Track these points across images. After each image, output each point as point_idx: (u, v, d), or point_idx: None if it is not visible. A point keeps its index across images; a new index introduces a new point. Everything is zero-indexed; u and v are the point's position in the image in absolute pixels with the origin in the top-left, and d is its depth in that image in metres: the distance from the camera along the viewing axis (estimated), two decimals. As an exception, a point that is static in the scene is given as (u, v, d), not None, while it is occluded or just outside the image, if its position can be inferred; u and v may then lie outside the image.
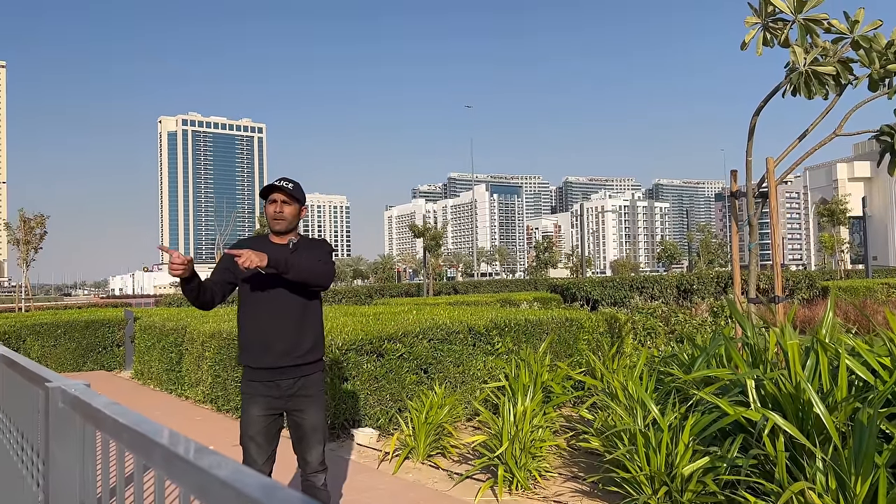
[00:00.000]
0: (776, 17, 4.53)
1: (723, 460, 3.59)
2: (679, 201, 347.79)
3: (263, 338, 3.28)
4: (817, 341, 3.71)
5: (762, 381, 3.85)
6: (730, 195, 5.20)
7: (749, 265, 5.14)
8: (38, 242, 25.88)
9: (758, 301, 4.98)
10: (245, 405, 3.33)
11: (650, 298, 19.64)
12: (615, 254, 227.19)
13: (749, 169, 4.99)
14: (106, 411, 1.35)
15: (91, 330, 12.44)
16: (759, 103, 4.82)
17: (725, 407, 3.67)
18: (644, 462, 3.82)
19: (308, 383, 3.34)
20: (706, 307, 16.34)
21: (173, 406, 8.61)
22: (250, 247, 3.27)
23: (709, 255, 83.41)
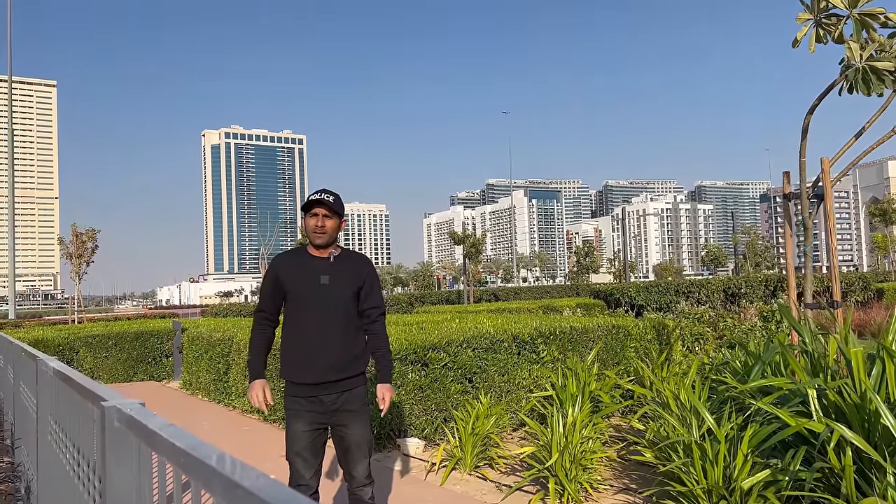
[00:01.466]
0: (830, 12, 4.37)
1: (784, 473, 3.45)
2: (723, 203, 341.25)
3: (306, 353, 3.25)
4: (883, 348, 3.55)
5: (824, 390, 3.69)
6: (783, 197, 5.03)
7: (804, 269, 4.95)
8: (89, 256, 26.62)
9: (815, 306, 4.80)
10: (289, 421, 3.31)
11: (696, 303, 19.23)
12: (657, 258, 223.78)
13: (803, 169, 4.82)
14: (162, 433, 1.34)
15: (141, 341, 12.71)
16: (812, 101, 4.66)
17: (786, 418, 3.53)
18: (701, 475, 3.69)
19: (351, 398, 3.31)
20: (755, 311, 15.91)
21: (221, 416, 8.71)
22: (291, 261, 3.35)
23: (755, 257, 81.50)
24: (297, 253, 3.42)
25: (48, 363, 3.31)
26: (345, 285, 3.31)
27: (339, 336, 3.27)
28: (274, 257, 3.45)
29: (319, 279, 3.27)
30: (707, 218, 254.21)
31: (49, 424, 3.29)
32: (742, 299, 19.47)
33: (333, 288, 3.28)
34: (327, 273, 3.29)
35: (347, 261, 3.38)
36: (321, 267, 3.30)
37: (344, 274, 3.32)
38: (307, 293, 3.25)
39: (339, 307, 3.28)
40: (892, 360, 3.51)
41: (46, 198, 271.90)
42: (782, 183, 5.06)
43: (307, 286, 3.27)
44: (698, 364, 5.67)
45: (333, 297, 3.26)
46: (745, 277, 20.48)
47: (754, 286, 19.63)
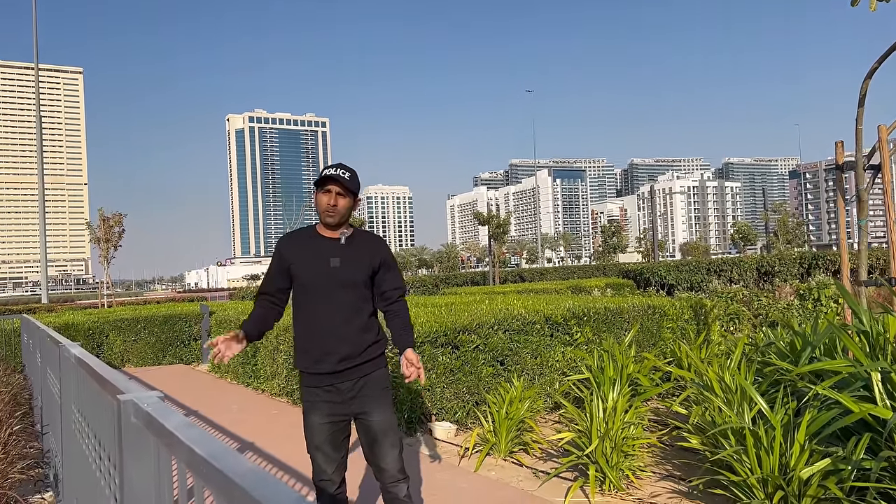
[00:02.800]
0: (893, -34, 4.05)
1: (847, 462, 3.22)
2: (750, 180, 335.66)
3: (320, 341, 3.02)
4: (955, 329, 3.28)
5: (888, 373, 3.44)
6: (836, 168, 4.74)
7: (859, 244, 4.67)
8: (117, 240, 26.88)
9: (871, 283, 4.53)
10: (307, 413, 3.10)
11: (729, 282, 18.81)
12: (684, 236, 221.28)
13: (859, 138, 4.52)
14: (180, 436, 1.16)
15: (169, 325, 12.73)
16: (872, 65, 4.35)
17: (848, 403, 3.29)
18: (755, 463, 3.48)
19: (370, 382, 3.07)
20: (791, 290, 15.51)
21: (250, 399, 8.65)
22: (299, 243, 3.11)
23: (786, 234, 79.97)
24: (305, 233, 3.15)
25: (70, 350, 3.19)
26: (357, 268, 3.05)
27: (353, 323, 3.03)
28: (280, 238, 3.20)
29: (329, 262, 3.01)
30: (735, 196, 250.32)
31: (72, 413, 3.17)
32: (776, 277, 19.01)
33: (345, 271, 3.02)
34: (338, 255, 3.03)
35: (360, 241, 3.12)
36: (331, 249, 3.04)
37: (356, 256, 3.06)
38: (317, 278, 3.02)
39: (351, 292, 3.03)
40: (965, 340, 3.25)
41: (76, 184, 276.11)
42: (835, 153, 4.76)
43: (316, 270, 3.02)
44: (740, 345, 5.41)
45: (345, 281, 3.01)
46: (778, 255, 19.98)
47: (788, 264, 19.14)
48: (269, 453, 5.80)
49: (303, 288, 3.06)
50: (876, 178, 4.63)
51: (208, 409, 7.92)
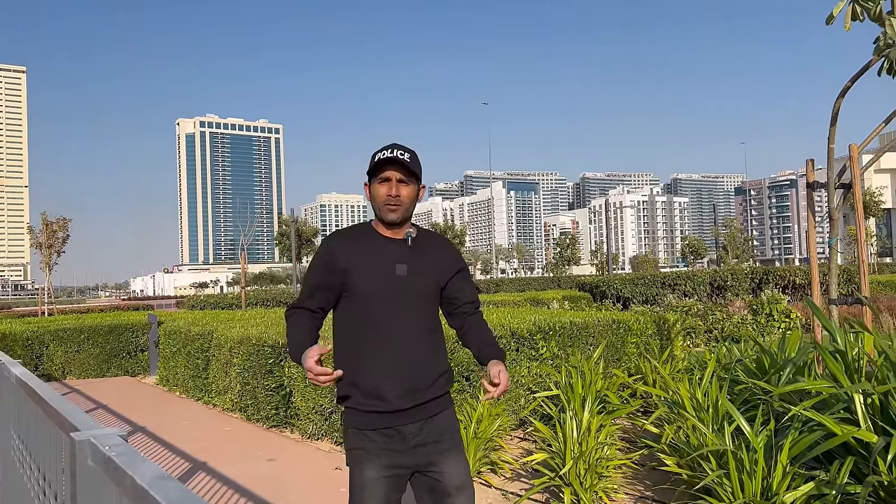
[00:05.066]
0: (869, -14, 4.07)
1: (831, 487, 3.15)
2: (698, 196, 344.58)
3: (380, 371, 2.35)
4: (937, 350, 3.26)
5: (870, 395, 3.40)
6: (807, 186, 4.74)
7: (829, 262, 4.67)
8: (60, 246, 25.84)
9: (840, 302, 4.52)
10: (357, 465, 2.38)
11: (683, 295, 19.08)
12: (634, 249, 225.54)
13: (831, 157, 4.53)
14: (154, 493, 0.96)
15: (114, 335, 12.19)
16: (844, 84, 4.37)
17: (832, 426, 3.23)
18: (737, 487, 3.39)
19: (440, 426, 2.43)
20: (742, 304, 15.81)
21: (201, 415, 8.29)
22: (356, 244, 2.44)
23: (735, 249, 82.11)
24: (360, 232, 2.50)
25: (10, 369, 2.89)
26: (428, 276, 2.47)
27: (422, 346, 2.44)
28: (329, 237, 2.53)
29: (395, 269, 2.39)
30: (683, 210, 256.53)
31: (12, 439, 2.88)
32: (728, 292, 19.37)
33: (414, 281, 2.42)
34: (405, 261, 2.42)
35: (428, 244, 2.53)
36: (397, 252, 2.43)
37: (426, 261, 2.48)
38: (380, 288, 2.38)
39: (421, 307, 2.45)
40: (947, 362, 3.23)
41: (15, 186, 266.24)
42: (806, 171, 4.76)
43: (380, 279, 2.39)
44: (712, 361, 5.37)
45: (414, 293, 2.42)
46: (730, 270, 20.38)
47: (740, 279, 19.53)
48: (223, 473, 5.51)
49: (360, 302, 2.40)
50: (846, 197, 4.64)
51: (156, 425, 7.54)
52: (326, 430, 6.27)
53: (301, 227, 42.47)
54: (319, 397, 6.19)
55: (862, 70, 4.29)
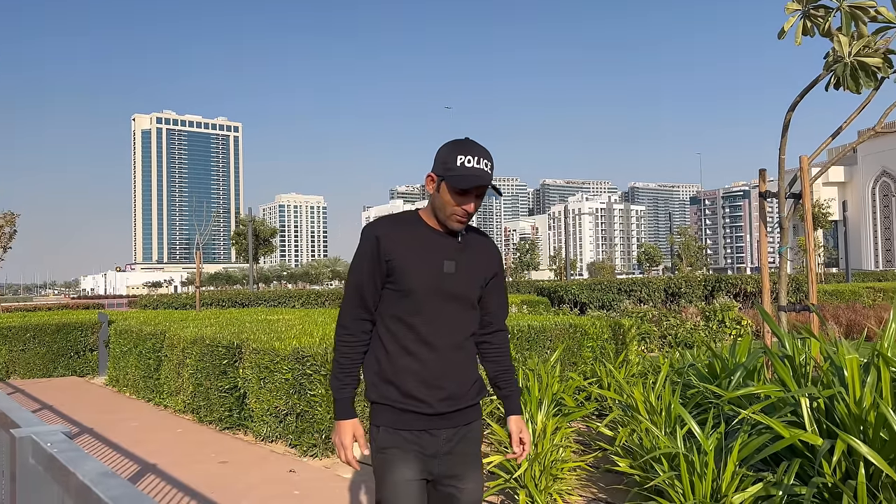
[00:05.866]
0: (819, 3, 4.20)
1: (778, 488, 3.23)
2: (654, 204, 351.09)
3: (423, 371, 2.21)
4: (879, 355, 3.37)
5: (816, 399, 3.50)
6: (759, 195, 4.86)
7: (779, 270, 4.80)
8: (7, 242, 25.01)
9: (791, 308, 4.65)
10: (391, 466, 2.19)
11: (638, 301, 19.41)
12: (592, 256, 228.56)
13: (782, 167, 4.66)
14: (98, 491, 0.92)
15: (62, 334, 11.83)
16: (794, 98, 4.49)
17: (779, 429, 3.31)
18: (688, 489, 3.45)
19: (469, 436, 2.29)
20: (695, 311, 16.13)
21: (152, 416, 8.09)
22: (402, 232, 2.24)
23: (690, 258, 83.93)
24: (407, 220, 2.30)
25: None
26: (473, 278, 2.31)
27: (463, 350, 2.30)
28: (371, 224, 2.30)
29: (443, 265, 2.23)
30: (639, 218, 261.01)
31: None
32: (682, 298, 19.75)
33: (460, 280, 2.26)
34: (453, 258, 2.25)
35: (475, 243, 2.34)
36: (446, 248, 2.26)
37: (473, 259, 2.30)
38: (427, 284, 2.21)
39: (464, 309, 2.30)
40: (888, 368, 3.34)
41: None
42: (759, 181, 4.89)
43: (427, 274, 2.21)
44: (665, 366, 5.46)
45: (459, 293, 2.26)
46: (684, 277, 20.80)
47: (694, 286, 19.94)
48: (174, 476, 5.38)
49: (402, 297, 2.23)
50: (795, 207, 4.78)
51: (105, 427, 7.33)
52: (281, 432, 6.19)
53: (258, 227, 41.89)
54: (274, 399, 6.10)
55: (811, 84, 4.42)
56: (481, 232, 2.41)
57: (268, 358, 6.17)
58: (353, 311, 2.27)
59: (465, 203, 2.18)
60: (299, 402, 5.85)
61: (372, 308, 2.26)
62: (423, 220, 2.28)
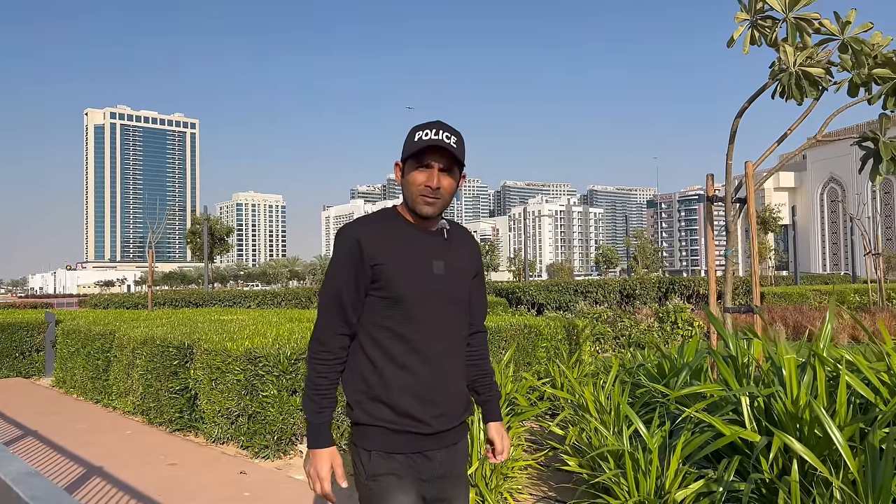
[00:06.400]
0: (766, 14, 4.34)
1: (719, 484, 3.32)
2: (612, 207, 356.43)
3: (422, 390, 2.00)
4: (815, 355, 3.49)
5: (756, 398, 3.61)
6: (707, 199, 4.99)
7: (725, 273, 4.93)
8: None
9: (735, 310, 4.78)
10: (387, 494, 1.98)
11: (594, 303, 19.68)
12: (551, 257, 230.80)
13: (729, 173, 4.79)
14: (18, 490, 0.91)
15: (7, 334, 11.46)
16: (742, 105, 4.63)
17: (721, 427, 3.40)
18: (633, 486, 3.52)
19: (458, 455, 2.12)
20: (649, 312, 16.43)
21: (100, 418, 7.90)
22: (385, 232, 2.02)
23: (645, 260, 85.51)
24: (389, 220, 2.08)
25: None
26: (462, 279, 2.12)
27: (457, 361, 2.12)
28: (350, 226, 2.05)
29: (432, 266, 2.03)
30: (598, 221, 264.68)
31: None
32: (636, 300, 20.10)
33: (450, 281, 2.07)
34: (441, 257, 2.06)
35: (459, 238, 2.17)
36: (433, 247, 2.06)
37: (460, 259, 2.12)
38: (418, 289, 2.00)
39: (456, 314, 2.11)
40: (823, 367, 3.46)
41: None
42: (706, 185, 5.02)
43: (418, 277, 2.01)
44: (615, 365, 5.56)
45: (451, 295, 2.07)
46: (639, 279, 21.19)
47: (648, 288, 20.32)
48: (120, 479, 5.27)
49: (391, 304, 2.01)
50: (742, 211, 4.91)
51: (50, 429, 7.14)
52: (232, 433, 6.11)
53: (214, 226, 41.22)
54: (226, 400, 6.03)
55: (758, 92, 4.56)
56: (459, 225, 2.23)
57: (220, 359, 6.08)
58: (332, 325, 2.02)
59: (429, 179, 1.99)
60: (251, 403, 5.79)
61: (353, 320, 2.03)
62: (403, 217, 2.08)
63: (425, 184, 1.99)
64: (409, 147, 2.01)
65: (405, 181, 2.04)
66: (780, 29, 4.30)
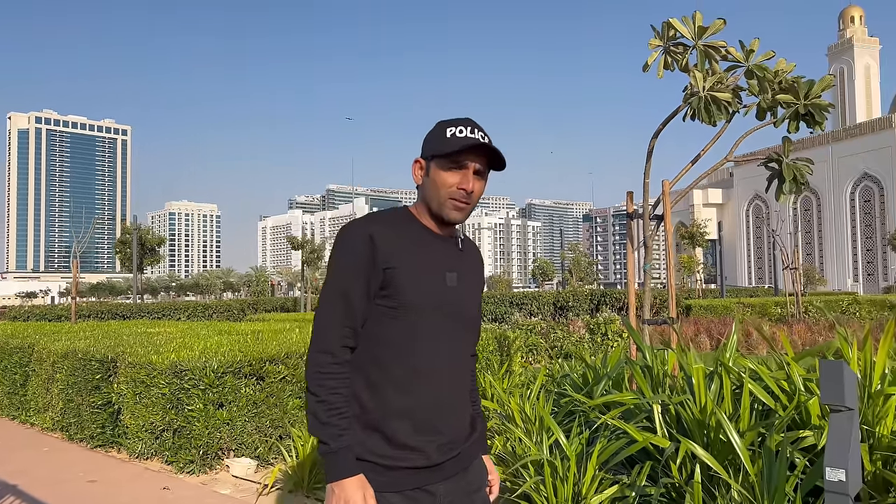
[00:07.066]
0: (677, 41, 4.59)
1: (632, 489, 3.47)
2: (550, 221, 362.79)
3: (428, 418, 1.78)
4: (721, 364, 3.70)
5: (667, 405, 3.79)
6: (627, 216, 5.20)
7: (643, 286, 5.15)
8: None
9: (653, 322, 5.00)
10: None
11: (529, 314, 20.01)
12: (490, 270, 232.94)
13: (646, 190, 5.01)
14: None
15: (-85, 348, 10.85)
16: (657, 126, 4.86)
17: (634, 433, 3.56)
18: (552, 493, 3.64)
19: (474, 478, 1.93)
20: (582, 324, 16.83)
21: (16, 435, 7.59)
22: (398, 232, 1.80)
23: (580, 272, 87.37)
24: (403, 221, 1.86)
25: None
26: (474, 292, 1.94)
27: (464, 383, 1.91)
28: (360, 221, 1.80)
29: (445, 277, 1.83)
30: (536, 234, 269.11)
31: None
32: (570, 312, 20.53)
33: (462, 295, 1.87)
34: (455, 268, 1.86)
35: (469, 249, 1.97)
36: (447, 256, 1.87)
37: (471, 272, 1.94)
38: (430, 300, 1.78)
39: (468, 330, 1.92)
40: (729, 376, 3.67)
41: None
42: (626, 203, 5.23)
43: (430, 287, 1.79)
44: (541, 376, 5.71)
45: (463, 311, 1.87)
46: (572, 291, 21.68)
47: (581, 300, 20.79)
48: (35, 497, 5.10)
49: (398, 316, 1.76)
50: (659, 227, 5.14)
51: (-40, 448, 6.82)
52: (157, 448, 5.98)
53: (144, 236, 40.03)
54: (150, 414, 5.89)
55: (672, 115, 4.80)
56: (472, 243, 2.02)
57: (144, 372, 5.95)
58: (340, 329, 1.74)
59: (463, 181, 1.78)
60: (176, 417, 5.68)
61: (359, 328, 1.77)
62: (417, 219, 1.86)
63: (458, 186, 1.79)
64: (440, 144, 1.79)
65: (429, 181, 1.82)
66: (690, 55, 4.56)
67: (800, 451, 3.36)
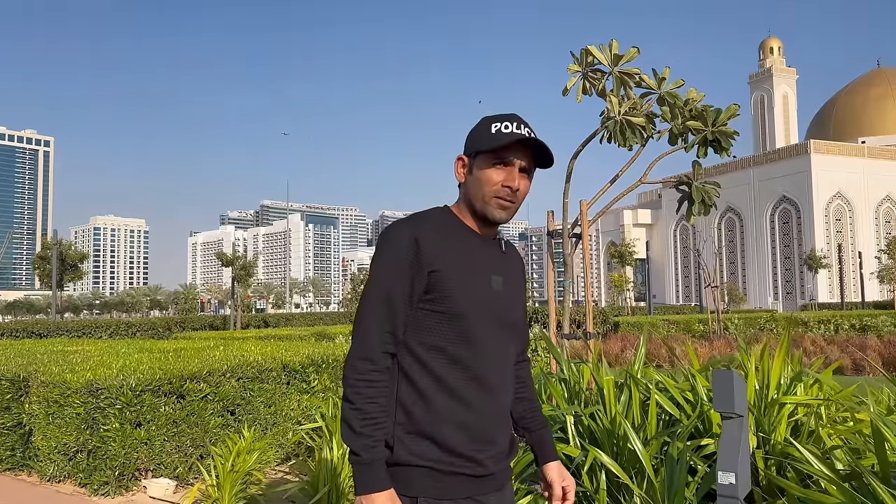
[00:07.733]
0: (595, 67, 4.80)
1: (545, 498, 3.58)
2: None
3: (482, 426, 1.72)
4: (630, 377, 3.86)
5: (580, 416, 3.93)
6: (547, 234, 5.37)
7: (563, 302, 5.32)
8: None
9: (571, 337, 5.16)
10: None
11: (462, 332, 20.14)
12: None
13: (566, 210, 5.20)
14: None
15: None
16: (576, 148, 5.06)
17: (547, 444, 3.68)
18: (468, 505, 3.71)
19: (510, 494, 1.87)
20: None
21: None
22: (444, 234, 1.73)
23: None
24: (447, 221, 1.79)
25: None
26: (518, 296, 1.87)
27: (511, 390, 1.86)
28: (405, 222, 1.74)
29: (491, 281, 1.78)
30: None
31: None
32: (502, 329, 20.77)
33: (509, 299, 1.82)
34: (500, 272, 1.81)
35: (512, 252, 1.91)
36: (492, 259, 1.81)
37: (515, 276, 1.88)
38: (478, 304, 1.73)
39: (514, 336, 1.86)
40: (637, 387, 3.84)
41: None
42: (546, 221, 5.40)
43: (477, 291, 1.74)
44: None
45: (510, 314, 1.82)
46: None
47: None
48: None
49: (445, 321, 1.70)
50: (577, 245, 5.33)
51: None
52: (70, 470, 5.76)
53: (66, 251, 38.44)
54: (64, 435, 5.69)
55: (590, 137, 5.01)
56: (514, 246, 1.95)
57: (58, 391, 5.75)
58: (381, 335, 1.67)
59: (509, 179, 1.73)
60: (91, 437, 5.50)
61: (400, 335, 1.69)
62: (460, 220, 1.80)
63: (503, 183, 1.73)
64: (485, 140, 1.74)
65: (473, 179, 1.76)
66: (606, 81, 4.78)
67: (701, 458, 3.54)
